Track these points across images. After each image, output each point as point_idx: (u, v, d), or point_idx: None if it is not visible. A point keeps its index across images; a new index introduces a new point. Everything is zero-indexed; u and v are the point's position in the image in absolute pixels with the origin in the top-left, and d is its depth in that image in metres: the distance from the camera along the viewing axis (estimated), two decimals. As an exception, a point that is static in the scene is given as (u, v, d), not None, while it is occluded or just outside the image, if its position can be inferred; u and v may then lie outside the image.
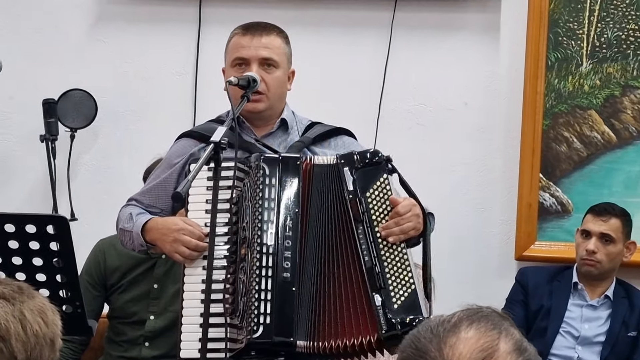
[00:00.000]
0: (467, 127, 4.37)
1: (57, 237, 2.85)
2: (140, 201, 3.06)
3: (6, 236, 2.83)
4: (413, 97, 4.39)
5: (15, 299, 1.68)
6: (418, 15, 4.36)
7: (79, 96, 4.32)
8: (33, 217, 2.90)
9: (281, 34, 3.07)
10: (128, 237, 3.00)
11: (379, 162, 2.81)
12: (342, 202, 2.78)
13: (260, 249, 2.72)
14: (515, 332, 1.52)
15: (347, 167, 2.79)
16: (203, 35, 4.41)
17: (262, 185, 2.76)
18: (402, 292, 2.71)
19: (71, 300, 2.89)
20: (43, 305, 1.72)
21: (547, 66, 4.25)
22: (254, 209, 2.76)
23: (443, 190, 4.34)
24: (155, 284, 3.71)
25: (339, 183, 2.79)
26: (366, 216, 2.76)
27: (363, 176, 2.79)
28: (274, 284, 2.70)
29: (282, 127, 3.08)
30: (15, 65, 4.38)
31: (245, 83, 2.90)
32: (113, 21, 4.48)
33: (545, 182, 4.31)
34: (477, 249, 4.38)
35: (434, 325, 1.51)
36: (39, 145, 4.27)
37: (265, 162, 2.79)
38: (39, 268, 2.86)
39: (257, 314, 2.68)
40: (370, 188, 2.79)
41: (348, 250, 2.76)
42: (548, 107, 4.28)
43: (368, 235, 2.75)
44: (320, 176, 2.82)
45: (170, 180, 3.03)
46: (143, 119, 4.46)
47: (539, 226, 4.29)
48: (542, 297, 4.07)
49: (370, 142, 4.30)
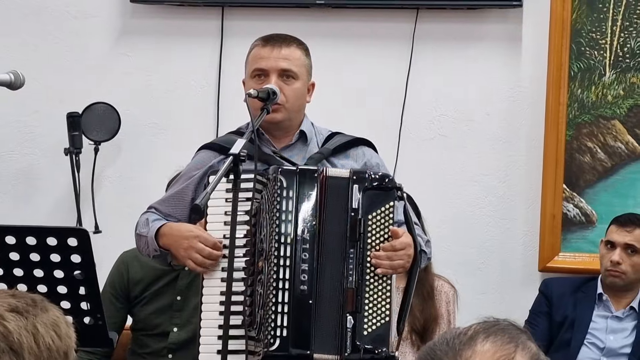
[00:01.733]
0: (490, 137, 4.36)
1: (78, 249, 2.87)
2: (159, 209, 3.09)
3: (28, 249, 2.85)
4: (435, 108, 4.39)
5: (28, 313, 1.69)
6: (439, 26, 4.37)
7: (102, 109, 4.36)
8: (54, 229, 2.93)
9: (301, 45, 3.09)
10: (144, 242, 3.03)
11: (390, 188, 2.82)
12: (344, 218, 2.80)
13: (277, 261, 2.73)
14: (532, 345, 1.51)
15: (357, 185, 2.80)
16: (225, 47, 4.44)
17: (280, 198, 2.77)
18: (375, 321, 2.76)
19: (92, 312, 2.91)
20: (57, 319, 1.72)
21: (569, 76, 4.25)
22: (271, 221, 2.77)
23: (465, 201, 4.34)
24: (178, 295, 3.73)
25: (345, 199, 2.80)
26: (362, 238, 2.78)
27: (370, 198, 2.80)
28: (290, 297, 2.72)
29: (302, 138, 3.09)
30: (40, 79, 4.43)
31: (265, 95, 2.91)
32: (137, 35, 4.52)
33: (569, 193, 4.30)
34: (501, 260, 4.37)
35: (450, 337, 1.51)
36: (63, 159, 4.31)
37: (282, 174, 2.80)
38: (60, 280, 2.88)
39: (273, 326, 2.70)
40: (374, 211, 2.80)
41: (336, 268, 2.78)
42: (571, 118, 4.27)
43: (358, 257, 2.78)
44: (333, 188, 2.83)
45: (188, 191, 3.05)
46: (166, 131, 4.50)
47: (562, 237, 4.28)
48: (566, 308, 4.05)
49: (392, 153, 4.32)
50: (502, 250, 4.36)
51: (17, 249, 2.85)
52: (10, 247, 2.84)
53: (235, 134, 3.08)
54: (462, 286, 3.95)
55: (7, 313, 1.66)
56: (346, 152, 3.07)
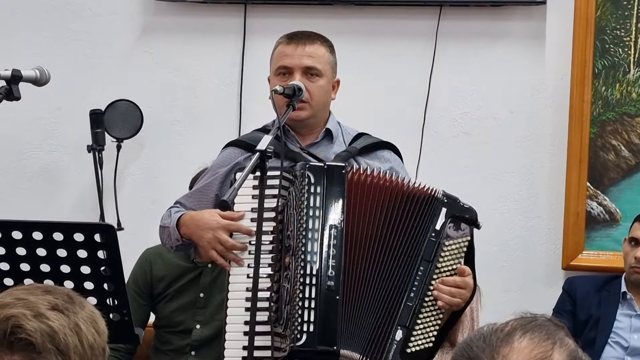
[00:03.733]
0: (513, 135, 4.37)
1: (104, 245, 2.87)
2: (184, 204, 3.12)
3: (55, 244, 2.85)
4: (458, 106, 4.40)
5: (68, 310, 1.64)
6: (463, 23, 4.37)
7: (125, 107, 4.38)
8: (81, 225, 2.93)
9: (325, 42, 3.10)
10: (167, 234, 3.05)
11: (472, 222, 2.86)
12: (421, 233, 2.82)
13: (304, 257, 2.74)
14: (570, 342, 1.50)
15: (446, 209, 2.84)
16: (248, 45, 4.45)
17: (307, 194, 2.77)
18: (420, 343, 2.80)
19: (119, 308, 2.91)
20: (93, 314, 1.69)
21: (594, 74, 4.25)
22: (298, 217, 2.77)
23: (489, 199, 4.33)
24: (201, 293, 3.74)
25: (430, 216, 2.83)
26: (435, 261, 2.81)
27: (452, 225, 2.84)
28: (317, 292, 2.72)
29: (327, 137, 3.10)
30: (63, 76, 4.45)
31: (291, 92, 2.92)
32: (159, 32, 4.54)
33: (593, 191, 4.29)
34: (524, 258, 4.37)
35: (487, 333, 1.49)
36: (86, 156, 4.33)
37: (310, 170, 2.80)
38: (87, 276, 2.88)
39: (300, 322, 2.70)
40: (452, 240, 2.84)
41: (400, 278, 2.80)
42: (595, 115, 4.27)
43: (425, 278, 2.81)
44: (417, 200, 2.83)
45: (212, 187, 3.07)
46: (188, 129, 4.52)
47: (586, 235, 4.28)
48: (590, 307, 4.05)
49: (415, 151, 4.32)
50: (525, 248, 4.36)
51: (44, 244, 2.86)
52: (37, 242, 2.85)
53: (261, 131, 3.09)
54: (485, 284, 3.94)
55: (50, 312, 1.62)
56: (374, 153, 3.09)
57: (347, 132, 3.14)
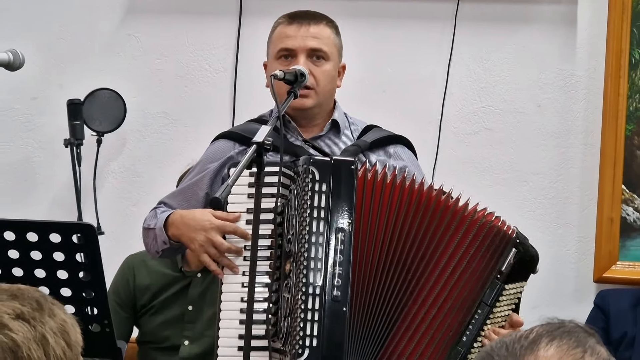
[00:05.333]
0: (541, 132, 4.38)
1: (83, 247, 2.89)
2: (170, 204, 3.11)
3: (29, 246, 2.87)
4: (479, 98, 4.41)
5: (35, 320, 1.65)
6: (485, 5, 4.38)
7: (106, 96, 4.39)
8: (57, 225, 2.93)
9: (331, 23, 3.11)
10: (151, 237, 3.04)
11: (532, 266, 2.90)
12: (485, 273, 2.86)
13: (307, 263, 2.72)
14: (602, 350, 1.50)
15: (516, 249, 2.87)
16: (244, 28, 4.47)
17: (311, 192, 2.75)
18: None
19: (99, 318, 2.93)
20: (65, 324, 1.70)
21: (630, 64, 4.26)
22: (300, 218, 2.76)
23: (513, 203, 4.35)
24: (190, 305, 3.75)
25: (498, 255, 2.88)
26: (492, 305, 2.86)
27: (515, 269, 2.88)
28: (322, 304, 2.71)
29: (333, 129, 3.10)
30: (38, 62, 4.48)
31: (292, 77, 2.90)
32: (145, 14, 4.56)
33: (629, 195, 4.31)
34: (552, 270, 4.38)
35: (510, 341, 1.49)
36: (63, 151, 4.34)
37: (314, 165, 2.77)
38: (64, 282, 2.90)
39: (302, 335, 2.70)
40: (512, 284, 2.89)
41: (453, 315, 2.84)
42: (632, 110, 4.29)
43: (481, 323, 2.85)
44: (488, 236, 2.87)
45: (202, 185, 3.07)
46: (177, 121, 4.53)
47: (621, 244, 4.29)
48: (625, 324, 4.06)
49: (432, 148, 4.34)
50: (553, 258, 4.37)
51: (17, 246, 2.87)
52: (9, 244, 2.86)
53: (256, 122, 3.09)
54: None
55: (13, 322, 1.62)
56: (385, 148, 3.09)
57: (354, 124, 3.14)
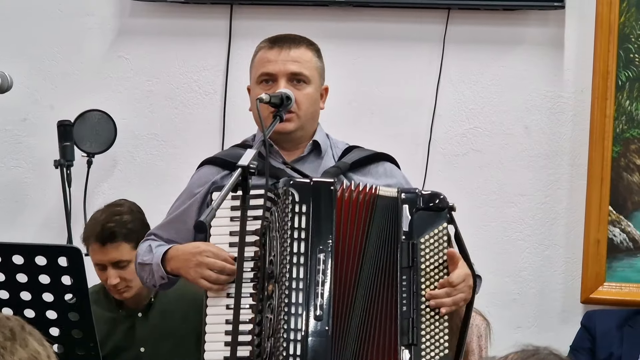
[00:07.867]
0: (528, 154, 4.40)
1: (70, 270, 2.89)
2: (160, 235, 3.13)
3: (14, 269, 2.87)
4: (468, 120, 4.43)
5: (5, 350, 1.64)
6: (473, 28, 4.41)
7: (97, 118, 4.40)
8: (44, 247, 2.94)
9: (312, 46, 3.13)
10: (147, 272, 3.06)
11: (442, 208, 2.87)
12: (393, 242, 2.84)
13: (289, 284, 2.75)
14: None
15: (408, 205, 2.85)
16: (233, 50, 4.48)
17: (292, 213, 2.78)
18: (433, 355, 2.80)
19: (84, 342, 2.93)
20: (38, 355, 1.68)
21: (617, 86, 4.28)
22: (282, 239, 2.79)
23: (500, 225, 4.38)
24: (141, 347, 3.69)
25: (395, 221, 2.85)
26: (415, 264, 2.82)
27: (421, 219, 2.85)
28: (305, 323, 2.73)
29: (315, 151, 3.12)
30: (28, 83, 4.49)
31: (278, 101, 2.93)
32: (135, 35, 4.57)
33: (616, 216, 4.32)
34: (539, 291, 4.40)
35: None
36: (53, 172, 4.35)
37: (294, 187, 2.81)
38: (50, 304, 2.90)
39: (285, 355, 2.72)
40: (427, 234, 2.85)
41: (387, 296, 2.82)
42: (618, 132, 4.31)
43: (412, 286, 2.82)
44: (382, 209, 2.86)
45: (190, 213, 3.08)
46: (167, 143, 4.54)
47: (608, 265, 4.30)
48: (611, 344, 4.07)
49: (421, 169, 4.35)
50: (540, 279, 4.39)
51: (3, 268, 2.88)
52: (-5, 266, 2.88)
53: (240, 147, 3.11)
54: (496, 319, 3.97)
55: None
56: (366, 168, 3.11)
57: (335, 145, 3.16)
